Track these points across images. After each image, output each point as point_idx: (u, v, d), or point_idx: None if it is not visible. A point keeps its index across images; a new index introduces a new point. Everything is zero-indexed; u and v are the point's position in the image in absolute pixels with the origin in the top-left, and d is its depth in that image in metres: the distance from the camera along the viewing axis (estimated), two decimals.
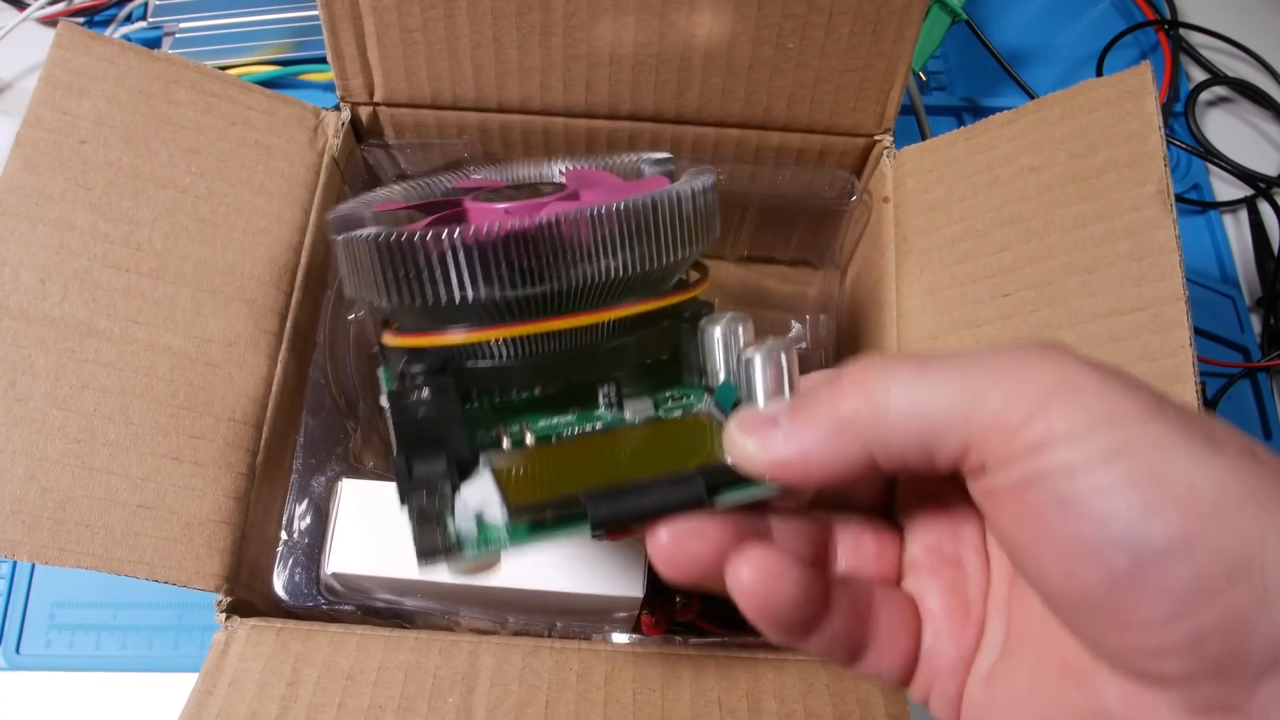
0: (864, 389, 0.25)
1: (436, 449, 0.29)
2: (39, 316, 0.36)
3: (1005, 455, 0.23)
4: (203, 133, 0.41)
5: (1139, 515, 0.21)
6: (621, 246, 0.29)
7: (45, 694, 0.47)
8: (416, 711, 0.34)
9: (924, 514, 0.30)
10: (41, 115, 0.38)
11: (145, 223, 0.38)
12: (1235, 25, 0.69)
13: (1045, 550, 0.23)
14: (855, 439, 0.25)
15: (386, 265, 0.29)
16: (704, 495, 0.27)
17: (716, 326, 0.30)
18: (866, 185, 0.49)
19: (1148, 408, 0.22)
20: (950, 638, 0.28)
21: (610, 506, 0.26)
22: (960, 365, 0.24)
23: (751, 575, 0.26)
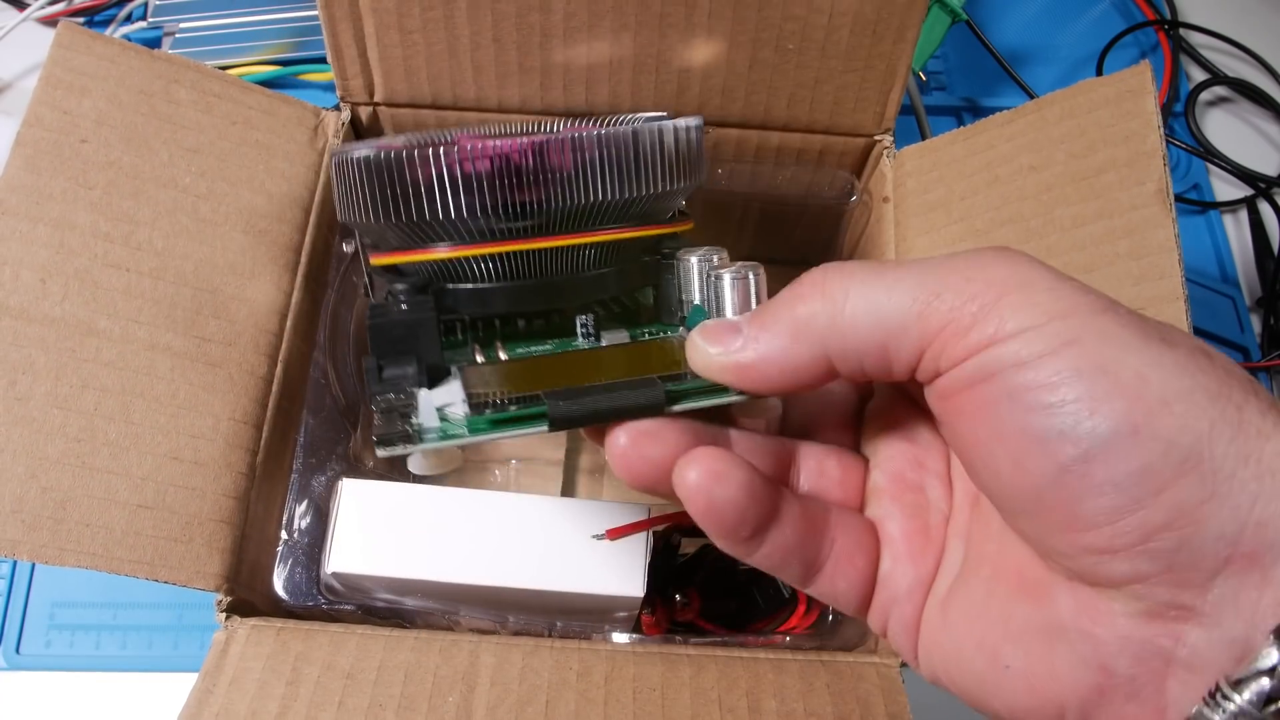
0: (821, 291, 0.25)
1: (409, 355, 0.29)
2: (39, 316, 0.36)
3: (959, 352, 0.23)
4: (203, 132, 0.41)
5: (1085, 405, 0.21)
6: (604, 171, 0.29)
7: (45, 694, 0.47)
8: (417, 711, 0.34)
9: (889, 441, 0.30)
10: (42, 115, 0.38)
11: (146, 222, 0.39)
12: (1235, 25, 0.69)
13: (997, 446, 0.23)
14: (812, 341, 0.25)
15: (374, 182, 0.29)
16: (662, 399, 0.27)
17: (693, 255, 0.30)
18: (866, 185, 0.49)
19: (1099, 303, 0.22)
20: (909, 561, 0.28)
21: (569, 405, 0.27)
22: (916, 268, 0.24)
23: (697, 474, 0.26)
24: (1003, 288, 0.23)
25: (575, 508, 0.39)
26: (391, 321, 0.30)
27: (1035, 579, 0.24)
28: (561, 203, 0.29)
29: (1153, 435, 0.21)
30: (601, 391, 0.27)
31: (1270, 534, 0.20)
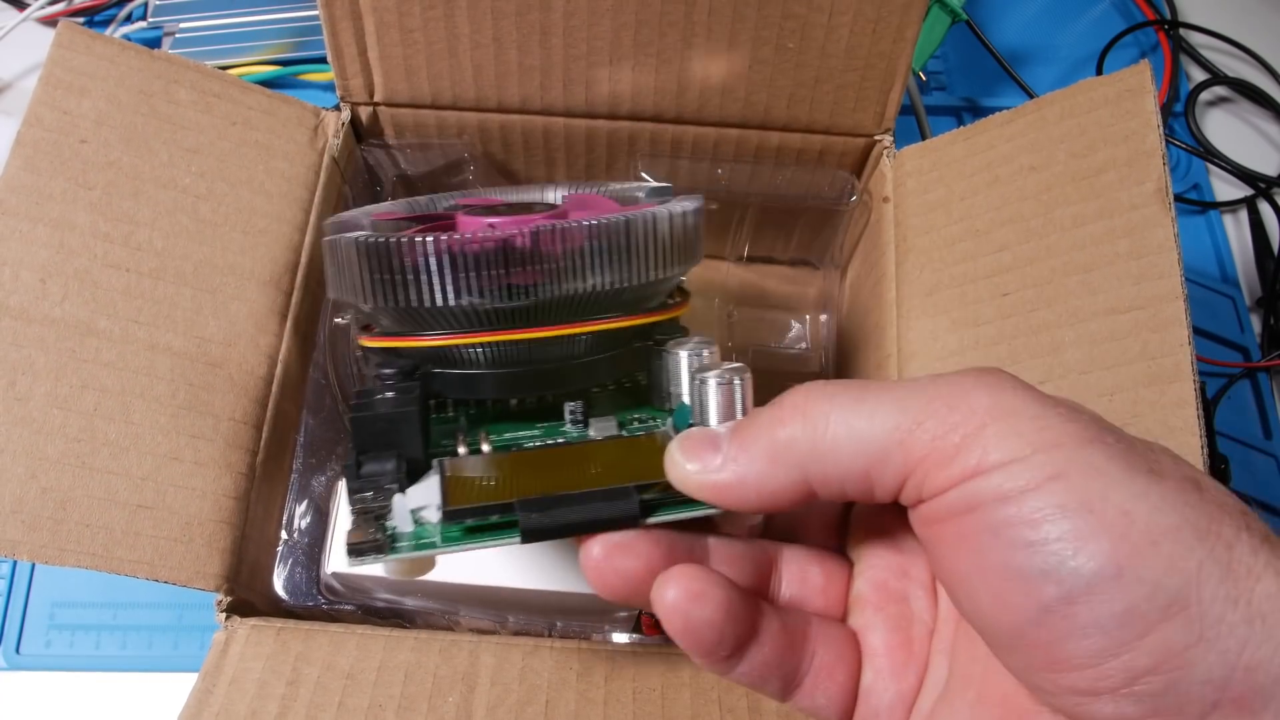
0: (803, 414, 0.24)
1: (389, 450, 0.29)
2: (39, 316, 0.36)
3: (941, 482, 0.23)
4: (203, 133, 0.41)
5: (1069, 543, 0.21)
6: (596, 262, 0.29)
7: (45, 694, 0.47)
8: (417, 711, 0.34)
9: (874, 549, 0.29)
10: (42, 115, 0.38)
11: (145, 222, 0.39)
12: (1235, 25, 0.69)
13: (978, 580, 0.23)
14: (792, 465, 0.24)
15: (366, 267, 0.29)
16: (636, 511, 0.27)
17: (682, 350, 0.30)
18: (866, 185, 0.49)
19: (1085, 434, 0.22)
20: (891, 676, 0.28)
21: (541, 517, 0.26)
22: (899, 392, 0.24)
23: (675, 594, 0.25)
24: (986, 416, 0.22)
25: None
26: (374, 415, 0.29)
27: (1021, 708, 0.24)
28: (553, 292, 0.29)
29: (1138, 577, 0.20)
30: (575, 502, 0.27)
31: (1259, 679, 0.20)
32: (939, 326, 0.41)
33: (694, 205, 0.32)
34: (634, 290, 0.31)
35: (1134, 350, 0.35)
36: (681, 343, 0.31)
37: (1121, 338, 0.36)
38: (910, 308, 0.42)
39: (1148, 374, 0.35)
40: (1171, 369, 0.34)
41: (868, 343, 0.47)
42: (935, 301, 0.41)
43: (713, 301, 0.56)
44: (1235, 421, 0.57)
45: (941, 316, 0.41)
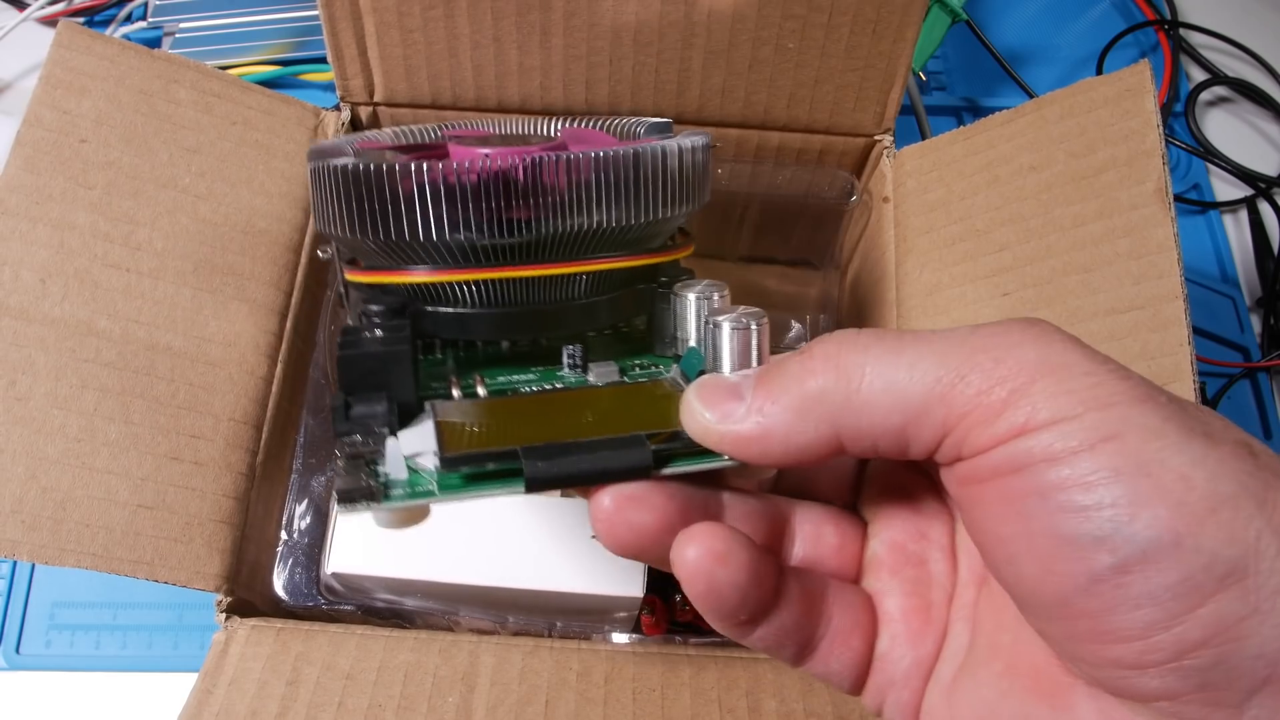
0: (836, 365, 0.23)
1: (379, 391, 0.27)
2: (39, 316, 0.36)
3: (985, 440, 0.21)
4: (203, 132, 0.41)
5: (1125, 509, 0.20)
6: (600, 197, 0.28)
7: (45, 694, 0.47)
8: (416, 711, 0.34)
9: (890, 509, 0.28)
10: (42, 114, 0.38)
11: (145, 222, 0.39)
12: (1235, 25, 0.69)
13: (1022, 545, 0.21)
14: (823, 419, 0.23)
15: (352, 196, 0.27)
16: (649, 462, 0.25)
17: (691, 292, 0.29)
18: (866, 185, 0.49)
19: (1139, 392, 0.21)
20: (908, 642, 0.26)
21: (548, 465, 0.24)
22: (940, 343, 0.22)
23: (698, 554, 0.24)
24: (1035, 371, 0.21)
25: (575, 508, 0.39)
26: (363, 353, 0.27)
27: (1054, 681, 0.23)
28: (553, 228, 0.27)
29: (1196, 547, 0.19)
30: (584, 450, 0.25)
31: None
32: (939, 326, 0.41)
33: (702, 141, 0.30)
34: (638, 229, 0.29)
35: (1134, 350, 0.35)
36: (690, 285, 0.29)
37: (1121, 337, 0.36)
38: (910, 308, 0.42)
39: (1147, 374, 0.34)
40: (1171, 368, 0.34)
41: None
42: (935, 301, 0.41)
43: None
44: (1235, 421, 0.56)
45: (941, 316, 0.41)
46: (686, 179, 0.29)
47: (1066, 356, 0.21)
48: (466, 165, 0.26)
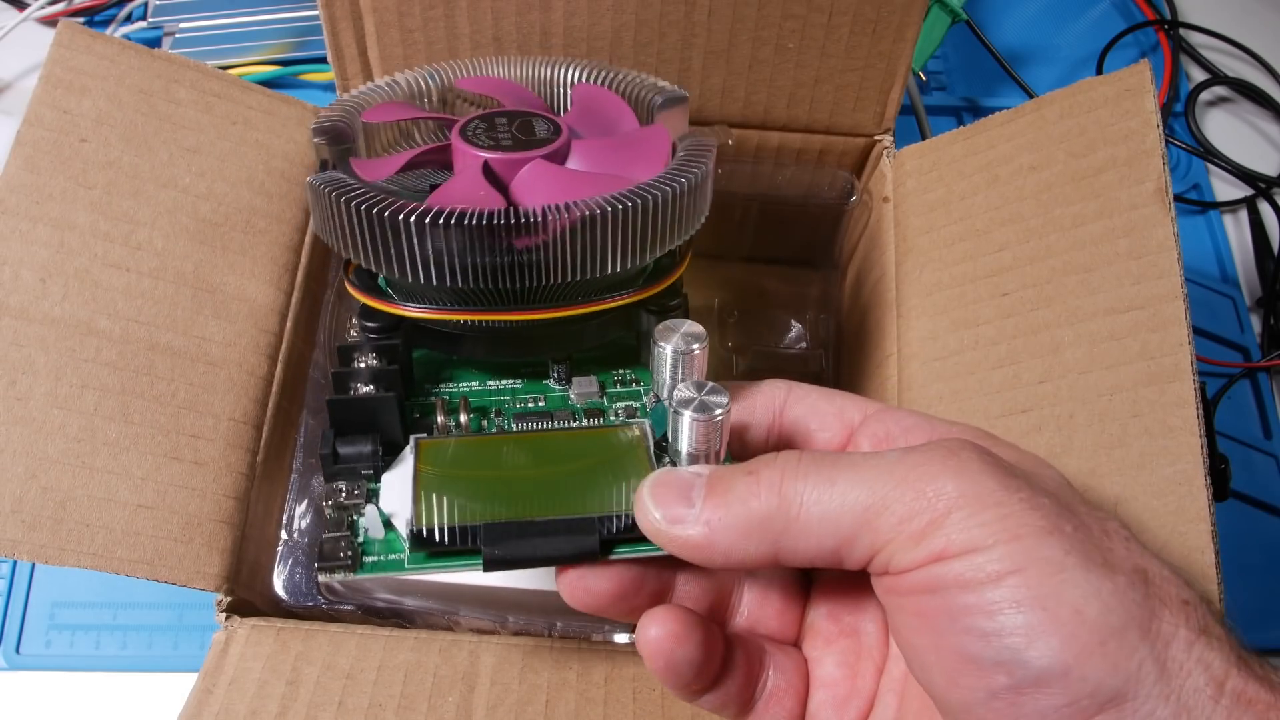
0: (779, 492, 0.25)
1: (366, 434, 0.30)
2: (39, 316, 0.36)
3: (906, 562, 0.24)
4: (203, 132, 0.41)
5: (1021, 638, 0.22)
6: (587, 258, 0.29)
7: (45, 694, 0.47)
8: (416, 710, 0.34)
9: (832, 583, 0.30)
10: (42, 114, 0.38)
11: (145, 222, 0.39)
12: (1235, 25, 0.69)
13: (933, 656, 0.24)
14: (764, 539, 0.25)
15: (349, 226, 0.29)
16: (596, 550, 0.27)
17: (668, 345, 0.29)
18: (866, 185, 0.49)
19: (1046, 524, 0.23)
20: (835, 707, 0.29)
21: (504, 548, 0.27)
22: (870, 472, 0.25)
23: (658, 635, 0.27)
24: (952, 502, 0.23)
25: None
26: (352, 400, 0.30)
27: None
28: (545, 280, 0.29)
29: (1082, 675, 0.22)
30: (538, 533, 0.27)
31: None
32: (939, 326, 0.41)
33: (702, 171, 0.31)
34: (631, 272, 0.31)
35: (1134, 350, 0.35)
36: (670, 331, 0.30)
37: (1121, 337, 0.36)
38: (910, 308, 0.42)
39: (1147, 373, 0.35)
40: (1171, 368, 0.34)
41: (868, 343, 0.47)
42: (935, 301, 0.41)
43: (713, 301, 0.56)
44: (1235, 421, 0.57)
45: (941, 316, 0.41)
46: (683, 216, 0.31)
47: (981, 487, 0.23)
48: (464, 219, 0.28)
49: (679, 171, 0.31)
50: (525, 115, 0.34)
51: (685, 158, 0.32)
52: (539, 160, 0.32)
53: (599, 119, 0.36)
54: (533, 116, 0.34)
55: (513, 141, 0.32)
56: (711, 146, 0.33)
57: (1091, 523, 0.24)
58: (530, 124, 0.34)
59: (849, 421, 0.31)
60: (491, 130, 0.33)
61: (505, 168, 0.32)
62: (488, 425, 0.32)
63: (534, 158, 0.32)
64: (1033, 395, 0.36)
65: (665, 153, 0.33)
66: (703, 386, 0.28)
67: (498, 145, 0.32)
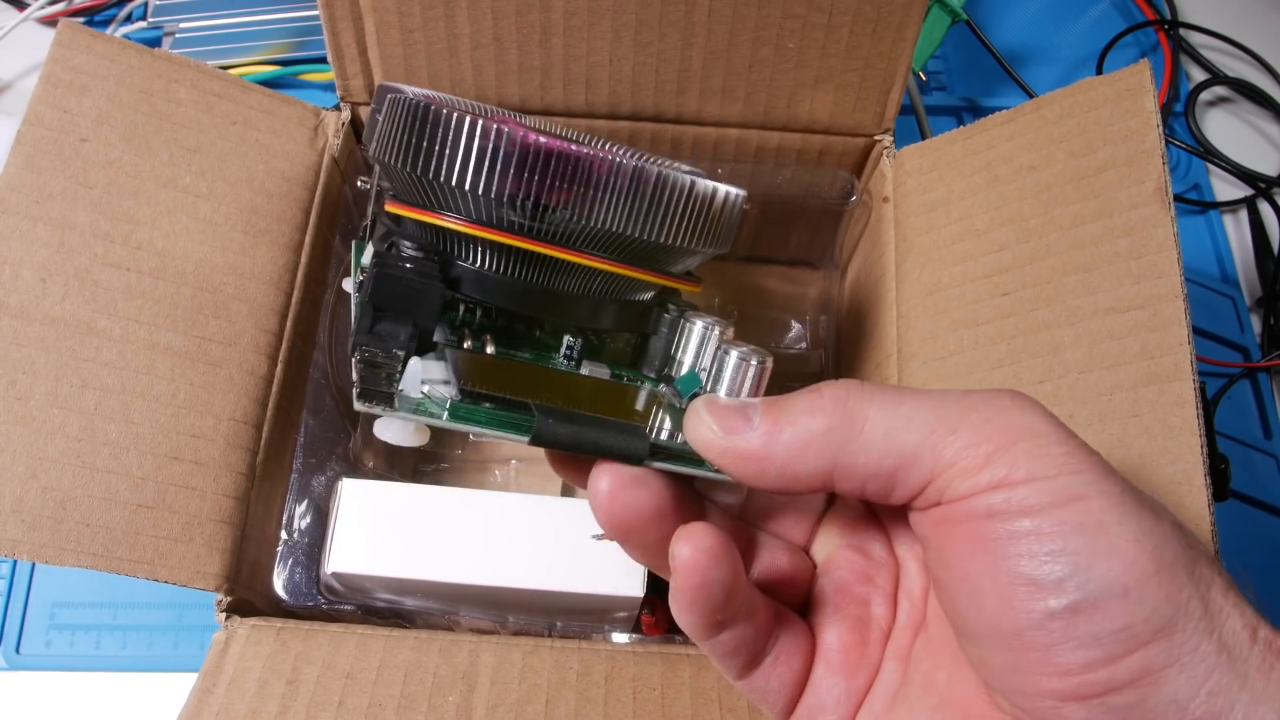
0: (844, 408, 0.25)
1: (405, 316, 0.28)
2: (39, 315, 0.36)
3: (966, 488, 0.24)
4: (203, 132, 0.41)
5: (1084, 558, 0.22)
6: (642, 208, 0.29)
7: (45, 694, 0.47)
8: (417, 710, 0.34)
9: (842, 551, 0.30)
10: (42, 113, 0.38)
11: (146, 222, 0.39)
12: (1235, 25, 0.69)
13: (986, 580, 0.24)
14: (823, 454, 0.25)
15: (413, 128, 0.28)
16: (645, 451, 0.26)
17: (699, 320, 0.30)
18: (866, 185, 0.49)
19: (1103, 467, 0.24)
20: (841, 673, 0.29)
21: (555, 425, 0.26)
22: (934, 400, 0.25)
23: (694, 550, 0.25)
24: (1018, 434, 0.24)
25: (575, 508, 0.39)
26: (400, 276, 0.28)
27: (982, 715, 0.25)
28: (586, 221, 0.28)
29: (1140, 599, 0.22)
30: (589, 423, 0.26)
31: (1219, 704, 0.22)
32: (939, 326, 0.41)
33: (740, 194, 0.31)
34: (661, 250, 0.30)
35: (1133, 349, 0.35)
36: (699, 314, 0.30)
37: (1121, 337, 0.36)
38: (910, 308, 0.42)
39: (1147, 373, 0.35)
40: (1171, 368, 0.34)
41: (868, 343, 0.47)
42: (935, 301, 0.41)
43: (713, 301, 0.56)
44: (1235, 421, 0.57)
45: (941, 316, 0.41)
46: (722, 221, 0.31)
47: (1046, 426, 0.24)
48: (520, 137, 0.27)
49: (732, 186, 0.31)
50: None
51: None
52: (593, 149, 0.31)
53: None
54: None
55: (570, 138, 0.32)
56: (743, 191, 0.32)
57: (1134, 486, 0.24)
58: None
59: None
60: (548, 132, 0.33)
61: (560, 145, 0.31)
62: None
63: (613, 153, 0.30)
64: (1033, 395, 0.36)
65: None
66: (740, 346, 0.28)
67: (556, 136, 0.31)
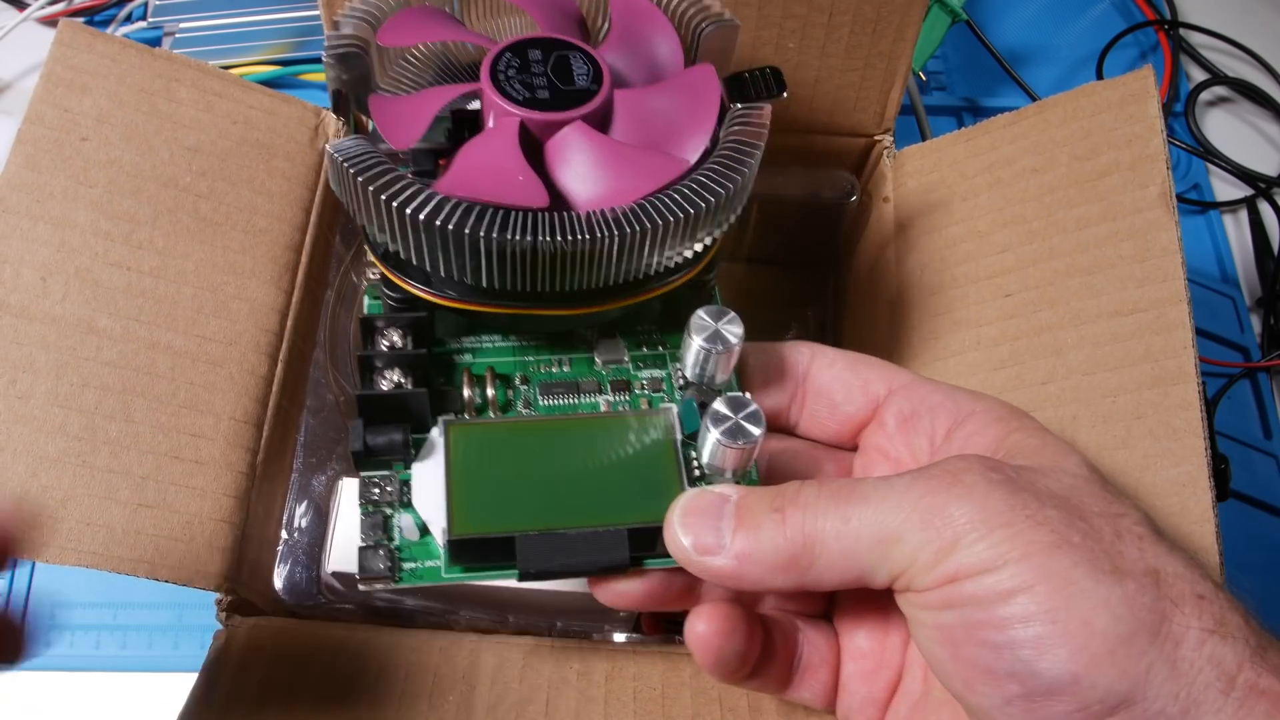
0: (802, 533, 0.26)
1: (397, 425, 0.30)
2: (40, 314, 0.36)
3: (923, 584, 0.25)
4: (204, 131, 0.41)
5: (1032, 649, 0.23)
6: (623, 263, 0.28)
7: (45, 694, 0.47)
8: (417, 710, 0.34)
9: None
10: (43, 113, 0.38)
11: (146, 221, 0.38)
12: (1235, 25, 0.69)
13: (951, 666, 0.25)
14: (791, 574, 0.27)
15: (373, 211, 0.28)
16: (626, 563, 0.29)
17: (697, 338, 0.30)
18: (866, 185, 0.49)
19: (1053, 538, 0.24)
20: (865, 679, 0.31)
21: (538, 562, 0.28)
22: (881, 507, 0.26)
23: (706, 631, 0.29)
24: (959, 529, 0.24)
25: None
26: (383, 396, 0.30)
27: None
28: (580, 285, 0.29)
29: (1091, 684, 0.23)
30: (569, 546, 0.28)
31: None
32: (940, 327, 0.41)
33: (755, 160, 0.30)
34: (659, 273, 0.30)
35: (1137, 352, 0.35)
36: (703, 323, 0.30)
37: (1124, 340, 0.36)
38: (911, 308, 0.42)
39: (1151, 376, 0.35)
40: (1175, 371, 0.34)
41: (868, 343, 0.47)
42: (937, 302, 0.41)
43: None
44: (1235, 421, 0.57)
45: (943, 317, 0.41)
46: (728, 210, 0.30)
47: (989, 509, 0.25)
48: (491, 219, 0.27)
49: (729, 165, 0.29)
50: (561, 49, 0.32)
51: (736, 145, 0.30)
52: (579, 125, 0.30)
53: (641, 49, 0.34)
54: (570, 52, 0.32)
55: (549, 94, 0.30)
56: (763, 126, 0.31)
57: (1104, 525, 0.25)
58: (568, 63, 0.31)
59: (874, 395, 0.32)
60: (525, 71, 0.31)
61: (542, 129, 0.30)
62: (514, 396, 0.32)
63: (574, 118, 0.30)
64: (1036, 396, 0.36)
65: (714, 112, 0.31)
66: (740, 405, 0.28)
67: (533, 98, 0.30)
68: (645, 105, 0.31)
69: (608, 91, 0.31)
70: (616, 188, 0.29)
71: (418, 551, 0.29)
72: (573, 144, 0.30)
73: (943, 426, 0.30)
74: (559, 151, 0.30)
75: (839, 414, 0.33)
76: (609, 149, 0.30)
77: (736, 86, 0.32)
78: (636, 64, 0.34)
